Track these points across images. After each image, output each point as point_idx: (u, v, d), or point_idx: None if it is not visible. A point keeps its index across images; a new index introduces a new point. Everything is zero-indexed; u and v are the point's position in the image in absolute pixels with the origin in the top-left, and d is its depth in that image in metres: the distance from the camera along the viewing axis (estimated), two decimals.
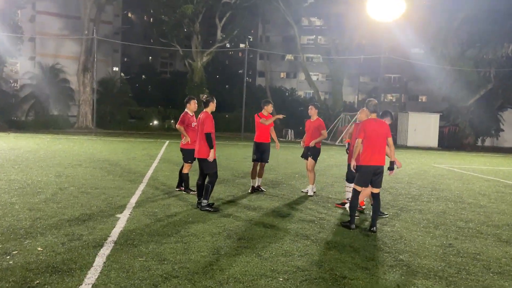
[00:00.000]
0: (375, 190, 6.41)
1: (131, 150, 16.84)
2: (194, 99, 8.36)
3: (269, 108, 8.77)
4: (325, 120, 9.34)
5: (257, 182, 9.02)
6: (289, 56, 62.47)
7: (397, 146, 27.40)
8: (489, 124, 32.99)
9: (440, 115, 31.01)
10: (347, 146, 8.03)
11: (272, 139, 8.90)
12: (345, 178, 7.91)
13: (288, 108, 37.82)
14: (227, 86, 52.51)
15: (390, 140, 6.50)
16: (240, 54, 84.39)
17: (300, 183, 10.54)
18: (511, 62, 31.44)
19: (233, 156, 16.49)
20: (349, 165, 7.86)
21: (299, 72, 61.20)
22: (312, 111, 8.91)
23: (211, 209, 6.95)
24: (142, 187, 8.85)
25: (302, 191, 9.22)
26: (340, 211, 7.58)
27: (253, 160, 8.84)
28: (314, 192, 8.96)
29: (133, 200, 7.52)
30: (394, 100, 57.90)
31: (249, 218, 6.66)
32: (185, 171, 8.37)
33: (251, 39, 32.92)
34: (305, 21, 51.74)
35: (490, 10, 28.77)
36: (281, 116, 9.01)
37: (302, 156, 9.11)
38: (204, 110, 7.08)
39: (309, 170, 8.85)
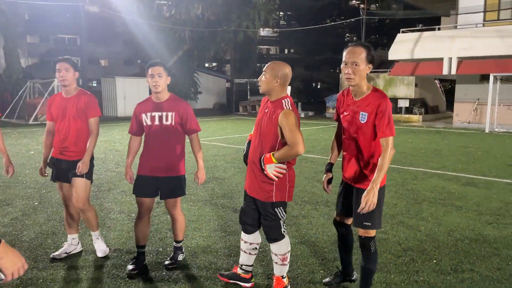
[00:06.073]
0: None
1: None
2: None
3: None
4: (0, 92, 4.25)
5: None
6: None
7: (106, 118, 22.49)
8: (188, 87, 32.45)
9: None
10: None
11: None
12: (242, 227, 3.42)
13: None
14: None
15: None
16: None
17: None
18: (204, 23, 31.51)
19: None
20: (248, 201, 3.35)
21: None
22: (69, 75, 3.95)
23: None
24: None
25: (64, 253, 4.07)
26: None
27: None
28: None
29: None
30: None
31: None
32: None
33: None
34: None
35: None
36: None
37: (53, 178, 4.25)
38: None
39: (80, 208, 4.00)
